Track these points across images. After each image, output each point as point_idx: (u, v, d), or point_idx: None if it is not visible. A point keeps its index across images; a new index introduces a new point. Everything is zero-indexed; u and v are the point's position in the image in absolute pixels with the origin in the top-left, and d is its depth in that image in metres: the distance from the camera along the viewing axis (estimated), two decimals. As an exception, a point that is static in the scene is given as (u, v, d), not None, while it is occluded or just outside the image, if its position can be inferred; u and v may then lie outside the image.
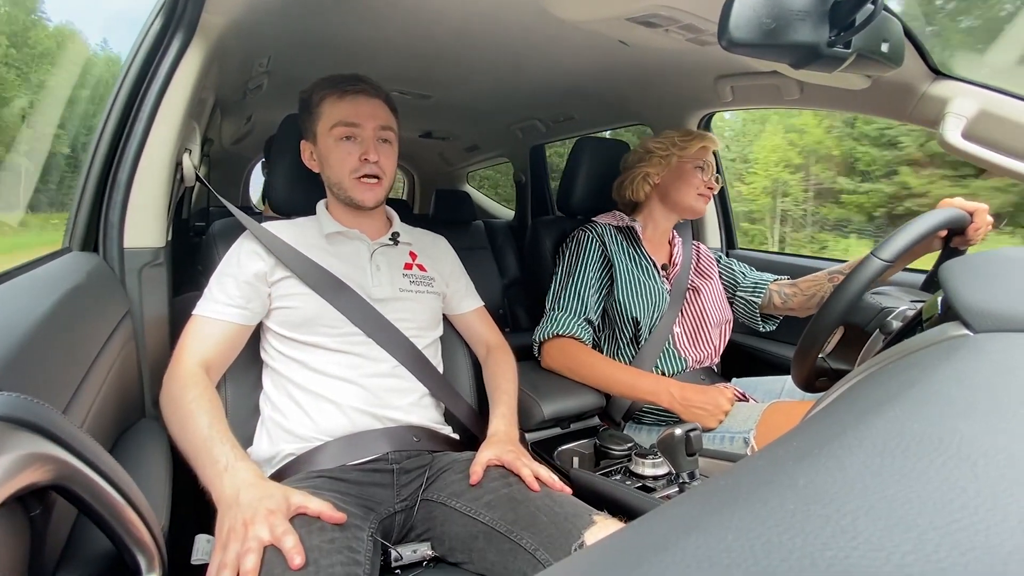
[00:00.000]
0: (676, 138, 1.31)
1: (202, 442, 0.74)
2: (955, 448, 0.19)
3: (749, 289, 1.37)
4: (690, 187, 1.28)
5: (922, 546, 0.15)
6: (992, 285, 0.35)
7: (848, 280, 0.77)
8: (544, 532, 0.74)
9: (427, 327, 1.03)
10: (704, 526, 0.18)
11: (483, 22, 1.19)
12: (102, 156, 0.89)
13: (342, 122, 0.94)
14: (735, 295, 1.39)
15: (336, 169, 0.96)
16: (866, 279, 0.76)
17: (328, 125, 0.95)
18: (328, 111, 0.95)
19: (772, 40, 0.58)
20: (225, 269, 0.92)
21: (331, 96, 0.95)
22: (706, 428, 1.08)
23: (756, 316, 1.36)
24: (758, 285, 1.36)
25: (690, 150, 1.29)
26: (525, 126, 2.24)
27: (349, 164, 0.95)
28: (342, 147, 0.95)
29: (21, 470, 0.34)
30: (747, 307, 1.37)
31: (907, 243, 0.77)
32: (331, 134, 0.95)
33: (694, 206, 1.30)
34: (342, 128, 0.94)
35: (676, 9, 0.97)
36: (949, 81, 1.01)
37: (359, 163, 0.95)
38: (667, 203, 1.33)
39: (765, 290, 1.34)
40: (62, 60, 1.65)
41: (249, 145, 2.81)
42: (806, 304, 1.28)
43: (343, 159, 0.95)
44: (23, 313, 0.54)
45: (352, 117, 0.94)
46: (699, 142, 1.29)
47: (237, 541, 0.63)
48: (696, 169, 1.29)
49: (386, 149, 0.98)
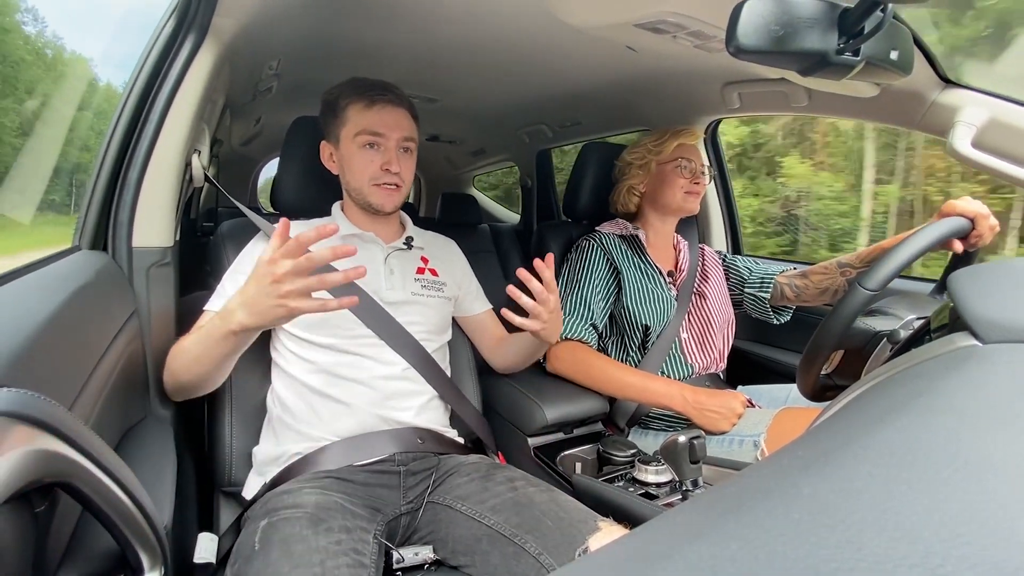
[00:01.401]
0: (650, 144, 1.31)
1: (200, 337, 0.80)
2: (963, 460, 0.19)
3: (756, 285, 1.35)
4: (674, 189, 1.28)
5: (928, 560, 0.14)
6: (1002, 295, 0.35)
7: (835, 312, 0.75)
8: (548, 536, 0.73)
9: (437, 331, 1.04)
10: (708, 535, 0.18)
11: (491, 27, 1.19)
12: (113, 156, 0.90)
13: (367, 131, 0.96)
14: (743, 292, 1.37)
15: (357, 175, 0.97)
16: (852, 311, 0.74)
17: (353, 132, 0.96)
18: (354, 118, 0.96)
19: (780, 47, 0.58)
20: (240, 267, 0.93)
21: (358, 103, 0.97)
22: (718, 431, 1.08)
23: (767, 310, 1.35)
24: (764, 280, 1.34)
25: (665, 152, 1.28)
26: (532, 131, 2.24)
27: (370, 171, 0.96)
28: (365, 154, 0.96)
29: (27, 466, 0.34)
30: (757, 303, 1.35)
31: (895, 269, 0.75)
32: (355, 141, 0.96)
33: (683, 206, 1.29)
34: (367, 137, 0.96)
35: (684, 15, 0.97)
36: (959, 90, 1.00)
37: (380, 171, 0.96)
38: (658, 209, 1.33)
39: (772, 283, 1.33)
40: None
41: (258, 146, 2.83)
42: (819, 297, 1.26)
43: (365, 166, 0.96)
44: (32, 311, 0.55)
45: (377, 127, 0.96)
46: (673, 141, 1.28)
47: (280, 283, 0.69)
48: (677, 169, 1.28)
49: (407, 158, 1.00)
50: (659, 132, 1.33)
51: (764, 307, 1.35)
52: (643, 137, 1.36)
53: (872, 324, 0.76)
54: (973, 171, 0.94)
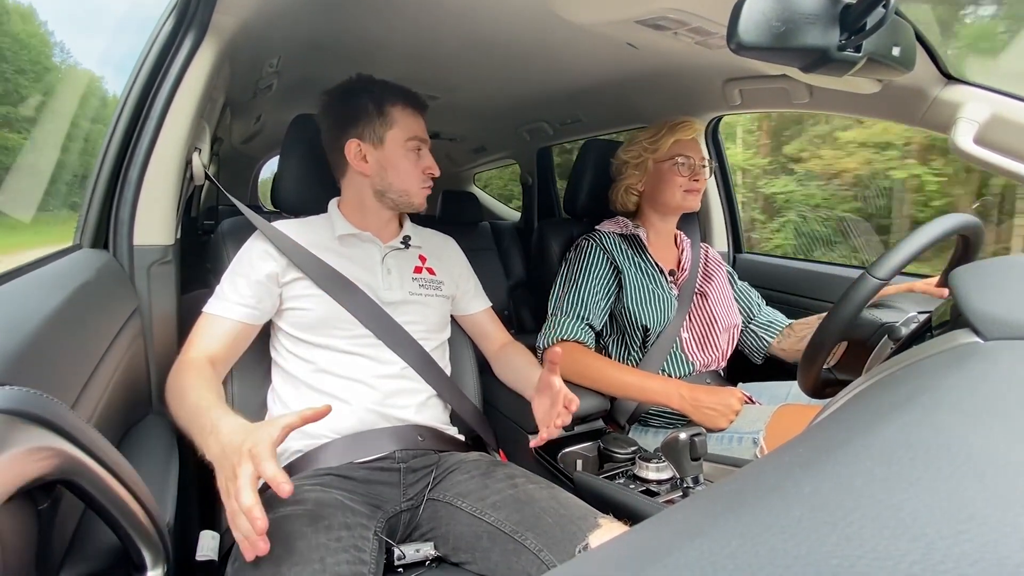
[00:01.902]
0: (645, 142, 1.28)
1: (194, 413, 0.74)
2: (964, 457, 0.19)
3: (764, 326, 1.34)
4: (673, 187, 1.25)
5: (929, 556, 0.14)
6: (1003, 292, 0.35)
7: (844, 299, 0.75)
8: (549, 533, 0.74)
9: (435, 330, 1.04)
10: (709, 532, 0.18)
11: (492, 24, 1.19)
12: (113, 154, 0.90)
13: (418, 137, 1.01)
14: (748, 326, 1.36)
15: (405, 177, 1.00)
16: (861, 298, 0.74)
17: (404, 136, 0.99)
18: (403, 122, 0.99)
19: (782, 43, 0.57)
20: (237, 268, 0.93)
21: (406, 108, 1.00)
22: (716, 429, 1.08)
23: (762, 352, 1.34)
24: (773, 324, 1.33)
25: (662, 150, 1.26)
26: (532, 128, 2.24)
27: (417, 175, 1.01)
28: (412, 158, 1.00)
29: (30, 464, 0.35)
30: (757, 341, 1.34)
31: (905, 259, 0.74)
32: (406, 145, 0.99)
33: (683, 204, 1.27)
34: (417, 143, 1.00)
35: (685, 12, 0.97)
36: (961, 86, 1.00)
37: (425, 175, 1.01)
38: (658, 208, 1.31)
39: (779, 332, 1.31)
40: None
41: (258, 144, 2.83)
42: (796, 346, 1.25)
43: (412, 170, 1.00)
44: (34, 309, 0.55)
45: (423, 134, 1.02)
46: (669, 138, 1.25)
47: (233, 485, 0.60)
48: (674, 167, 1.25)
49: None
50: (654, 128, 1.30)
51: (762, 347, 1.33)
52: (638, 134, 1.33)
53: (878, 316, 0.76)
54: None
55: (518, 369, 1.08)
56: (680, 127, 1.26)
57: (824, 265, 1.57)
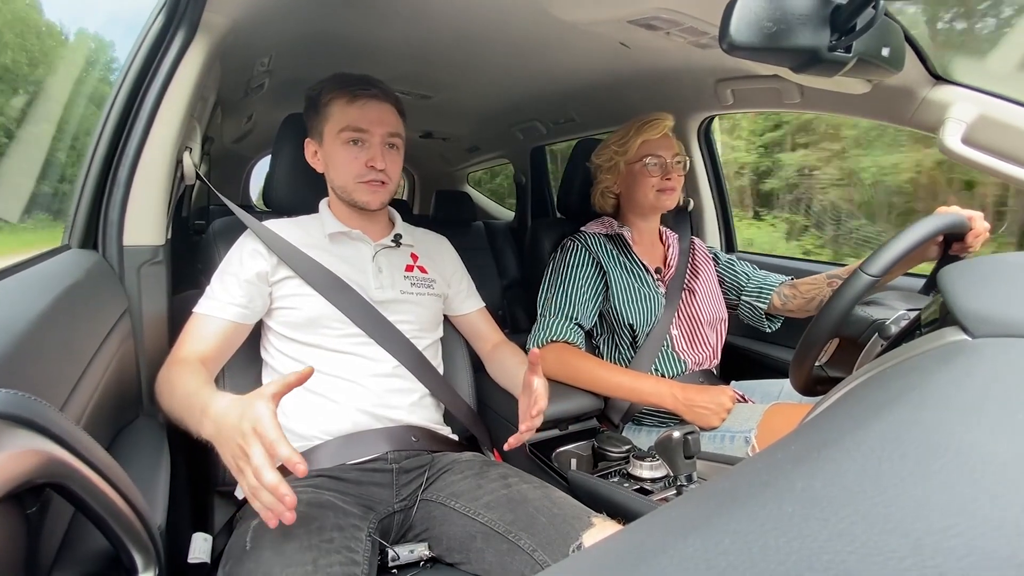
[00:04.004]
0: (614, 145, 1.28)
1: (185, 400, 0.74)
2: (953, 453, 0.19)
3: (754, 294, 1.35)
4: (645, 188, 1.25)
5: (919, 551, 0.15)
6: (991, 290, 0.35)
7: (836, 296, 0.76)
8: (542, 533, 0.74)
9: (428, 329, 1.03)
10: (702, 529, 0.18)
11: (485, 23, 1.19)
12: (102, 154, 0.89)
13: (350, 127, 0.93)
14: (740, 299, 1.37)
15: (341, 172, 0.96)
16: (854, 295, 0.75)
17: (336, 128, 0.94)
18: (336, 114, 0.94)
19: (773, 43, 0.58)
20: (227, 268, 0.92)
21: (340, 99, 0.94)
22: (709, 427, 1.08)
23: (762, 319, 1.35)
24: (763, 290, 1.34)
25: (631, 151, 1.26)
26: (526, 127, 2.24)
27: (355, 169, 0.95)
28: (348, 151, 0.94)
29: (18, 467, 0.34)
30: (752, 311, 1.36)
31: (897, 255, 0.75)
32: (338, 137, 0.94)
33: (656, 204, 1.26)
34: (350, 133, 0.94)
35: (677, 12, 0.97)
36: (949, 86, 1.01)
37: (365, 169, 0.94)
38: (634, 208, 1.31)
39: (771, 294, 1.33)
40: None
41: (250, 144, 2.81)
42: (805, 307, 1.27)
43: (349, 163, 0.95)
44: (22, 310, 0.54)
45: (361, 123, 0.93)
46: (637, 138, 1.24)
47: (247, 464, 0.60)
48: (645, 167, 1.25)
49: (392, 154, 0.98)
50: (623, 130, 1.28)
51: (759, 316, 1.35)
52: (608, 137, 1.32)
53: (870, 313, 0.77)
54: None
55: (510, 369, 1.07)
56: (647, 126, 1.24)
57: (814, 263, 1.58)
